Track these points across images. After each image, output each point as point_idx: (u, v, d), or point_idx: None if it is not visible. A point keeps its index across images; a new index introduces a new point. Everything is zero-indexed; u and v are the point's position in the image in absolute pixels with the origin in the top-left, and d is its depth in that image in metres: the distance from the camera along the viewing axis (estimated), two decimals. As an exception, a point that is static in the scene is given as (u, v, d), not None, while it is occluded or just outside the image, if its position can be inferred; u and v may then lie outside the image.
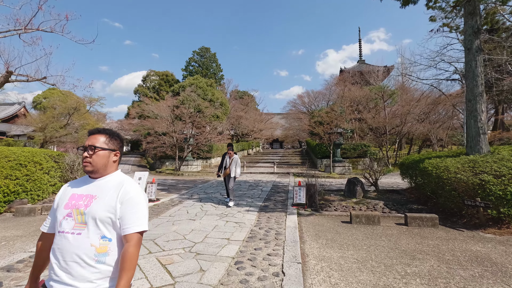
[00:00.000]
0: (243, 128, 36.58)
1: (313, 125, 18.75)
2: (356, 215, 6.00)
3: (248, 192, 9.92)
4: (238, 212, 6.79)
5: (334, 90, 28.62)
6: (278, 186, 11.83)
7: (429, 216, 5.80)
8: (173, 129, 17.43)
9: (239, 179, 14.72)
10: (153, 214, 6.57)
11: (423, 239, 4.86)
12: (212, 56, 53.21)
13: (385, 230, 5.49)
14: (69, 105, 17.61)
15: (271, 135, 46.87)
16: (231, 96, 47.33)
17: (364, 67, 48.39)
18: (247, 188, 10.96)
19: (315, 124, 18.76)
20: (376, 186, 9.25)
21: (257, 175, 17.16)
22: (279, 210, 7.11)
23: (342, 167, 19.06)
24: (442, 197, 6.44)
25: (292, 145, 55.79)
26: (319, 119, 18.72)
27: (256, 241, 4.60)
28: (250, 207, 7.42)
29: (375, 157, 24.18)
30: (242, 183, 12.68)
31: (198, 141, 19.71)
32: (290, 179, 14.95)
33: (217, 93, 25.86)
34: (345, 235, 5.10)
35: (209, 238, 4.73)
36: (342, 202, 8.03)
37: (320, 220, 6.35)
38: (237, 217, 6.26)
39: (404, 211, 6.97)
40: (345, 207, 7.41)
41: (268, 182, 13.44)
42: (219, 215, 6.42)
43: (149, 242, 4.49)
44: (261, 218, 6.24)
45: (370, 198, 8.37)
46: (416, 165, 7.99)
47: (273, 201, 8.40)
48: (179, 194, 9.77)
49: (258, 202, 8.03)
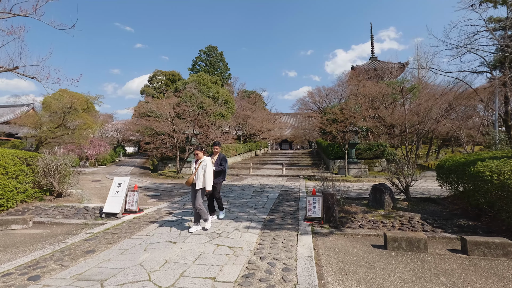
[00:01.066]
0: (251, 128, 35.10)
1: (326, 123, 17.09)
2: (393, 237, 4.40)
3: (251, 200, 8.40)
4: (235, 230, 5.29)
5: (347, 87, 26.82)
6: (287, 192, 10.28)
7: (499, 241, 4.15)
8: (172, 128, 16.10)
9: (243, 183, 13.21)
10: (126, 233, 5.14)
11: (505, 283, 3.24)
12: (219, 55, 52.09)
13: (438, 262, 3.89)
14: (63, 104, 16.50)
15: (279, 135, 45.26)
16: (238, 95, 45.98)
17: (377, 64, 46.32)
18: (250, 195, 9.45)
19: (328, 122, 17.10)
20: (407, 194, 7.59)
21: (264, 179, 15.64)
22: (289, 226, 5.57)
23: (357, 169, 17.32)
24: (506, 212, 4.78)
25: (302, 145, 54.04)
26: (333, 116, 17.06)
27: (254, 284, 3.10)
28: (251, 221, 5.90)
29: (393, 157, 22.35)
30: (246, 189, 11.19)
31: (201, 141, 18.33)
32: (301, 183, 13.36)
33: (222, 90, 24.49)
34: (384, 272, 3.53)
35: (185, 277, 3.25)
36: (367, 214, 6.43)
37: (343, 242, 4.78)
38: (232, 238, 4.76)
39: (452, 229, 5.33)
40: (372, 223, 5.80)
41: (276, 186, 11.90)
42: (209, 235, 4.93)
43: (95, 285, 3.04)
44: (265, 240, 4.72)
45: (402, 210, 6.73)
46: (463, 168, 6.32)
47: (280, 212, 6.86)
48: (171, 202, 8.34)
49: (263, 215, 6.51)
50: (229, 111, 24.72)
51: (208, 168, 5.13)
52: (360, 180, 14.54)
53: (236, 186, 12.08)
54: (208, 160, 5.23)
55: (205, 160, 5.18)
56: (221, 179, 6.00)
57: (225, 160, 6.03)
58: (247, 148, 31.20)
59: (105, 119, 42.12)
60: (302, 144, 53.51)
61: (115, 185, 6.78)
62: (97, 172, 19.68)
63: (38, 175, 8.06)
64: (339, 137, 16.12)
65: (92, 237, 4.95)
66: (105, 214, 6.44)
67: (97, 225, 5.88)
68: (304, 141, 49.82)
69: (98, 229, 5.38)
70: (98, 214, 6.69)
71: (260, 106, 45.22)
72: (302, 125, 35.52)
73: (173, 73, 50.41)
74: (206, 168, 5.09)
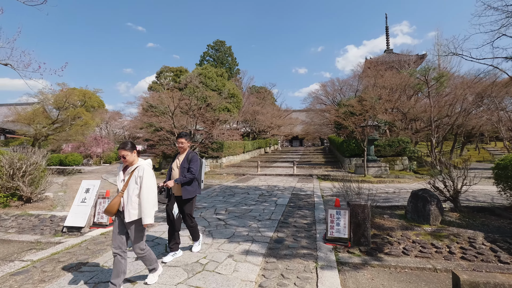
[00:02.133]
0: (260, 124, 33.48)
1: (342, 116, 15.33)
2: (471, 283, 2.78)
3: (255, 208, 6.87)
4: (227, 257, 3.78)
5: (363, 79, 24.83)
6: (299, 196, 8.70)
7: None
8: (172, 124, 14.74)
9: (249, 184, 11.68)
10: (77, 261, 3.71)
11: None
12: (227, 50, 50.67)
13: None
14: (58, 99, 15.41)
15: (290, 132, 43.50)
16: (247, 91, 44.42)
17: (393, 57, 43.96)
18: (255, 200, 7.92)
19: (345, 115, 15.34)
20: (456, 202, 5.88)
21: (273, 178, 14.08)
22: (303, 252, 4.02)
23: (377, 167, 15.51)
24: None
25: (313, 142, 52.05)
26: (350, 109, 15.28)
27: None
28: (252, 242, 4.38)
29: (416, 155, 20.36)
30: (251, 191, 9.66)
31: (205, 138, 16.93)
32: (314, 184, 11.75)
33: (228, 84, 22.99)
34: None
35: None
36: (407, 232, 4.79)
37: (386, 284, 3.19)
38: (221, 274, 3.25)
39: (544, 260, 3.64)
40: (421, 247, 4.17)
41: (286, 189, 10.33)
42: (189, 266, 3.45)
43: None
44: (269, 278, 3.19)
45: (454, 225, 5.06)
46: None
47: (291, 226, 5.30)
48: (159, 209, 6.91)
49: (268, 231, 4.96)
50: (236, 106, 23.21)
51: (147, 182, 2.83)
52: (383, 181, 12.78)
53: (240, 188, 10.58)
54: (145, 166, 2.91)
55: (140, 167, 2.88)
56: (192, 192, 3.72)
57: (196, 161, 3.73)
58: (256, 145, 29.68)
59: (112, 116, 41.47)
60: (313, 141, 51.61)
61: (82, 191, 5.38)
62: (97, 171, 18.60)
63: (3, 177, 6.79)
64: (357, 132, 14.36)
65: (27, 268, 3.53)
66: (67, 228, 5.05)
67: (51, 244, 4.49)
68: (316, 138, 47.95)
69: (44, 254, 3.99)
70: (61, 227, 5.32)
71: (270, 102, 43.51)
72: (314, 121, 33.63)
73: (180, 69, 49.28)
74: (142, 182, 2.82)
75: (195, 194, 3.79)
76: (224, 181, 13.24)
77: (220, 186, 11.14)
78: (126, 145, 2.87)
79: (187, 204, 3.75)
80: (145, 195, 2.80)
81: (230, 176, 15.35)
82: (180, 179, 3.58)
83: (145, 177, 2.84)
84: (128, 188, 2.84)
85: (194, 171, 3.65)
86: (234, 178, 14.47)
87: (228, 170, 17.69)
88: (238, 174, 15.96)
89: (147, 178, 2.85)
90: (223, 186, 11.29)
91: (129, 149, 2.87)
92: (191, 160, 3.72)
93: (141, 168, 2.89)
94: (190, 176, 3.62)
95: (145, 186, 2.82)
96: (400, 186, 11.31)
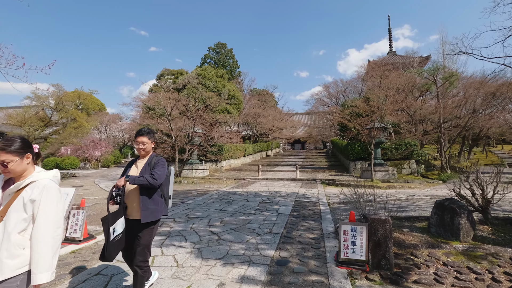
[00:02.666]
0: (261, 127, 32.77)
1: (348, 117, 14.58)
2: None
3: (254, 219, 6.11)
4: (217, 286, 3.03)
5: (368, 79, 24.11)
6: (303, 204, 7.94)
7: None
8: (169, 126, 14.05)
9: (249, 190, 10.91)
10: None
11: None
12: (229, 52, 50.20)
13: None
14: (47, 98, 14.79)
15: (292, 134, 42.74)
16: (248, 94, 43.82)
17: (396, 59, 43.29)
18: (255, 209, 7.16)
19: (350, 117, 14.58)
20: (487, 214, 5.10)
21: (275, 183, 13.32)
22: (312, 279, 3.25)
23: (384, 171, 14.75)
24: None
25: (315, 145, 51.22)
26: (356, 110, 14.53)
27: None
28: (249, 264, 3.62)
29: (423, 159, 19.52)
30: (251, 198, 8.91)
31: (203, 140, 16.23)
32: (319, 190, 10.98)
33: (228, 85, 22.33)
34: None
35: None
36: (435, 250, 4.02)
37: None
38: (207, 315, 2.50)
39: None
40: (456, 272, 3.39)
41: (288, 195, 9.57)
42: (167, 303, 2.70)
43: None
44: (268, 321, 2.43)
45: (487, 241, 4.30)
46: None
47: (296, 242, 4.54)
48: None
49: (269, 249, 4.20)
50: (236, 107, 22.53)
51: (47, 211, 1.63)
52: (392, 186, 11.99)
53: (239, 194, 9.83)
54: (47, 183, 1.68)
55: (35, 185, 1.66)
56: (156, 213, 2.59)
57: (163, 166, 2.62)
58: (257, 149, 28.95)
59: (111, 119, 40.98)
60: (316, 144, 50.85)
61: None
62: (92, 175, 17.92)
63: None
64: (364, 134, 13.60)
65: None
66: (34, 245, 4.31)
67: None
68: (318, 141, 47.25)
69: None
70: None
71: (271, 104, 42.87)
72: (316, 123, 32.92)
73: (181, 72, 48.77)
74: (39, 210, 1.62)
75: (160, 216, 2.62)
76: (222, 186, 12.50)
77: (218, 192, 10.39)
78: (8, 145, 1.62)
79: (146, 231, 2.55)
80: (42, 234, 1.59)
81: (229, 181, 14.61)
82: (134, 178, 2.46)
83: (43, 202, 1.62)
84: (7, 219, 1.59)
85: (157, 176, 2.48)
86: (233, 183, 13.72)
87: (228, 174, 16.95)
88: (238, 179, 15.22)
89: (46, 205, 1.63)
90: (221, 192, 10.54)
91: (14, 151, 1.62)
92: (155, 165, 2.61)
93: (38, 186, 1.65)
94: (151, 180, 2.45)
95: (42, 218, 1.61)
96: (412, 192, 10.52)
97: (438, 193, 10.11)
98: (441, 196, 9.27)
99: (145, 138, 2.67)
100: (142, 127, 2.68)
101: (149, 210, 2.52)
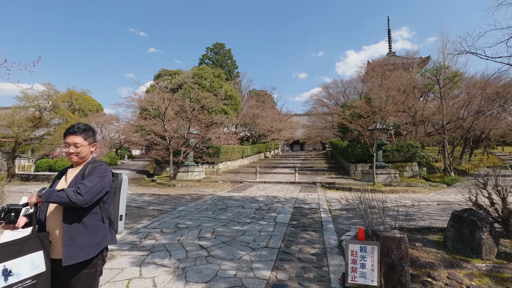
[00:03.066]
0: (259, 128, 32.24)
1: (348, 118, 14.06)
2: None
3: (249, 229, 5.56)
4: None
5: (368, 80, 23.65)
6: (302, 211, 7.40)
7: None
8: (163, 127, 13.49)
9: (245, 194, 10.35)
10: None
11: None
12: (227, 52, 49.75)
13: None
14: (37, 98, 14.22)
15: (291, 136, 42.23)
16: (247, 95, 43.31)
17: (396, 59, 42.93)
18: (251, 217, 6.61)
19: (351, 118, 14.08)
20: (508, 226, 4.57)
21: (273, 187, 12.78)
22: (314, 309, 2.72)
23: (386, 174, 14.25)
24: None
25: (314, 147, 50.71)
26: (357, 110, 14.04)
27: None
28: (240, 290, 3.08)
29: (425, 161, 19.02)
30: (246, 204, 8.36)
31: (199, 142, 15.68)
32: (319, 194, 10.45)
33: (226, 85, 21.80)
34: None
35: None
36: (454, 270, 3.50)
37: None
38: None
39: None
40: (485, 301, 2.87)
41: (287, 200, 9.04)
42: None
43: None
44: None
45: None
46: None
47: (295, 260, 4.00)
48: (128, 230, 5.61)
49: (264, 269, 3.65)
50: (234, 108, 22.00)
51: None
52: (395, 190, 11.48)
53: (235, 199, 9.29)
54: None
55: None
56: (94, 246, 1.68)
57: (100, 175, 1.73)
58: (255, 150, 28.42)
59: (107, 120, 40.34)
60: (315, 146, 50.38)
61: (20, 212, 4.09)
62: (84, 178, 17.33)
63: None
64: (365, 136, 13.09)
65: None
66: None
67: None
68: (317, 143, 46.79)
69: None
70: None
71: (270, 105, 42.34)
72: (316, 124, 32.40)
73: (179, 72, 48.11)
74: None
75: (98, 250, 1.71)
76: (218, 190, 11.95)
77: (213, 197, 9.84)
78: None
79: (79, 278, 1.66)
80: None
81: (226, 184, 14.06)
82: (50, 192, 1.57)
83: None
84: None
85: (85, 190, 1.61)
86: (230, 186, 13.18)
87: (225, 177, 16.40)
88: (235, 182, 14.67)
89: None
90: (216, 196, 9.99)
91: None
92: (89, 174, 1.75)
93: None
94: (73, 197, 1.56)
95: None
96: (417, 197, 10.00)
97: (445, 198, 9.59)
98: (448, 202, 8.76)
99: (78, 138, 1.81)
100: (78, 122, 1.93)
101: (76, 245, 1.61)
